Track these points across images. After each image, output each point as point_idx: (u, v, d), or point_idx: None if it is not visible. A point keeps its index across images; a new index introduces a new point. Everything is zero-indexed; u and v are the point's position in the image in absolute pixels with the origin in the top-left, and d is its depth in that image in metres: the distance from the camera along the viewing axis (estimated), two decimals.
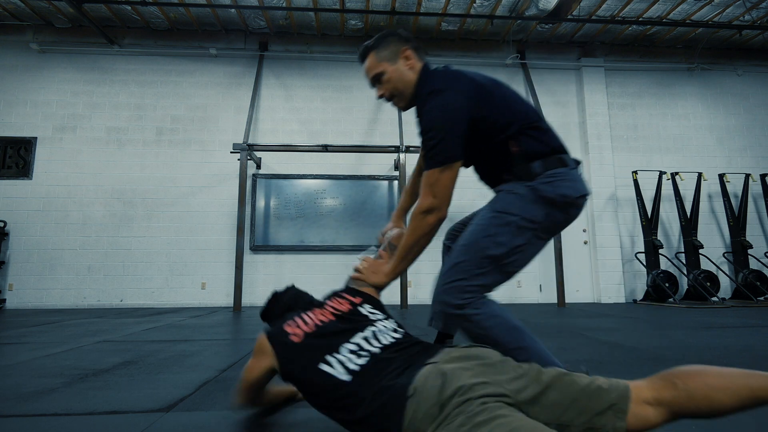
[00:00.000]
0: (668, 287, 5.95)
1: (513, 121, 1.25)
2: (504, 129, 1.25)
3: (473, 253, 1.19)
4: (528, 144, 1.24)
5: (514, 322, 1.18)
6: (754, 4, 6.10)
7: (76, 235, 6.10)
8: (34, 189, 6.17)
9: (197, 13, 6.35)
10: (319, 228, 6.25)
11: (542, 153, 1.24)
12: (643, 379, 0.83)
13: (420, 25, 6.69)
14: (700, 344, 2.60)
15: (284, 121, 6.63)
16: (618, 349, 2.43)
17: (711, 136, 7.15)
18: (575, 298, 6.50)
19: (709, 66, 7.31)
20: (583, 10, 6.28)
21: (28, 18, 6.40)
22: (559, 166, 1.24)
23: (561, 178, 1.21)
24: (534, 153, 1.23)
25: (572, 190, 1.22)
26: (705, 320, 3.90)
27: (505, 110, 1.26)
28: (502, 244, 1.18)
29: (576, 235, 6.69)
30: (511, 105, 1.28)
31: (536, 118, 1.28)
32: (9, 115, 6.33)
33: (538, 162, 1.22)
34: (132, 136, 6.42)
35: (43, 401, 1.48)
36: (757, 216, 6.94)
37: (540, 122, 1.29)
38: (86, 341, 2.85)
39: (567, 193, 1.20)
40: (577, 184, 1.24)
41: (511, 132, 1.24)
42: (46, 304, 5.93)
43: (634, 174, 6.56)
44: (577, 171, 1.27)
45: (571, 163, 1.26)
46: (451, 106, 1.20)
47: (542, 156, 1.23)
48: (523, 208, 1.20)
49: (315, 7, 6.08)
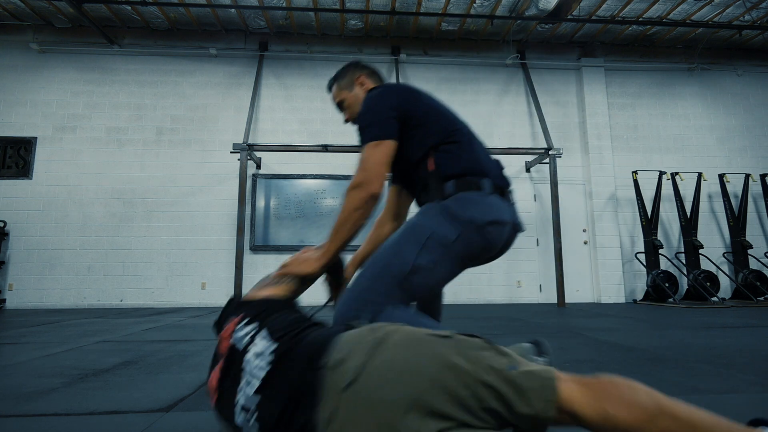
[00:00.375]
0: (668, 287, 5.95)
1: (438, 128, 1.24)
2: (428, 136, 1.23)
3: (377, 268, 1.13)
4: (444, 163, 1.21)
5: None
6: (754, 4, 6.10)
7: (76, 235, 6.10)
8: (34, 189, 6.17)
9: (197, 13, 6.35)
10: (319, 228, 6.25)
11: (457, 174, 1.19)
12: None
13: (420, 25, 6.69)
14: (700, 344, 2.60)
15: (284, 121, 6.63)
16: (618, 349, 2.43)
17: (711, 136, 7.15)
18: (575, 298, 6.50)
19: (709, 66, 7.31)
20: (583, 10, 6.28)
21: (28, 18, 6.40)
22: (472, 189, 1.18)
23: (471, 201, 1.16)
24: (449, 173, 1.20)
25: (480, 213, 1.14)
26: (705, 320, 3.90)
27: (431, 112, 1.27)
28: (405, 258, 1.10)
29: (576, 235, 6.69)
30: (439, 110, 1.29)
31: (460, 133, 1.26)
32: (9, 115, 6.33)
33: (451, 182, 1.19)
34: (132, 136, 6.42)
35: (43, 401, 1.48)
36: (757, 216, 6.95)
37: (463, 137, 1.25)
38: (86, 341, 2.85)
39: (474, 216, 1.13)
40: (489, 209, 1.16)
41: (435, 141, 1.22)
42: (46, 304, 5.93)
43: (634, 174, 6.57)
44: (494, 197, 1.19)
45: (486, 188, 1.18)
46: (382, 96, 1.25)
47: (457, 176, 1.19)
48: (435, 226, 1.13)
49: (315, 7, 6.08)
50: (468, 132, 1.30)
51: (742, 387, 1.63)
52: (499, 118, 6.90)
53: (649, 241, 6.28)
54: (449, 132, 1.24)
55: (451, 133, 1.24)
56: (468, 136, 1.28)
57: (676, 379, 1.76)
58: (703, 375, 1.82)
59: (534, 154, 6.37)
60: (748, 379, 1.74)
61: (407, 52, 6.93)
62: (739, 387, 1.63)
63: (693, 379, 1.76)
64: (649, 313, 4.63)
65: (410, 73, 6.97)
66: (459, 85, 6.96)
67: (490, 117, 6.89)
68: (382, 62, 6.95)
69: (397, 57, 6.89)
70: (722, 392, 1.56)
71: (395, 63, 6.92)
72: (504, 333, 3.18)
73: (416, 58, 6.98)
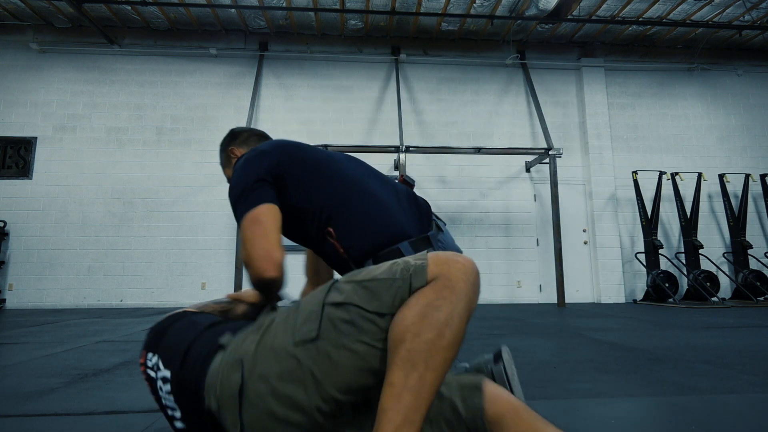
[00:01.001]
0: (668, 287, 5.95)
1: (330, 192, 1.04)
2: (318, 205, 1.03)
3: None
4: (351, 244, 1.02)
5: None
6: (754, 5, 6.10)
7: (76, 235, 6.10)
8: (34, 189, 6.17)
9: (197, 13, 6.35)
10: None
11: (370, 251, 1.01)
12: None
13: (420, 25, 6.69)
14: (700, 344, 2.60)
15: (284, 121, 6.63)
16: (618, 349, 2.43)
17: (711, 136, 7.15)
18: (575, 298, 6.50)
19: (709, 66, 7.31)
20: (583, 10, 6.28)
21: (28, 18, 6.40)
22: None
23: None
24: (361, 254, 1.01)
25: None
26: (705, 320, 3.90)
27: (316, 172, 1.05)
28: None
29: (576, 235, 6.70)
30: (327, 165, 1.07)
31: (358, 194, 1.04)
32: (9, 115, 6.33)
33: (369, 262, 1.01)
34: (132, 136, 6.42)
35: (43, 401, 1.48)
36: (757, 216, 6.95)
37: (363, 199, 1.04)
38: (86, 341, 2.85)
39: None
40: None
41: (329, 212, 1.03)
42: (46, 304, 5.93)
43: (634, 174, 6.57)
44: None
45: (408, 253, 0.99)
46: (247, 161, 1.05)
47: (371, 253, 1.01)
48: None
49: (315, 7, 6.08)
50: (370, 188, 1.07)
51: (742, 387, 1.63)
52: (499, 118, 6.90)
53: (649, 241, 6.28)
54: (345, 197, 1.04)
55: (347, 198, 1.04)
56: (369, 195, 1.06)
57: (676, 379, 1.76)
58: (702, 375, 1.82)
59: (534, 154, 6.37)
60: (747, 379, 1.75)
61: (407, 52, 6.93)
62: (739, 387, 1.63)
63: (693, 379, 1.76)
64: (649, 313, 4.63)
65: (410, 73, 6.97)
66: (459, 85, 6.97)
67: (490, 117, 6.89)
68: (382, 62, 6.95)
69: (397, 57, 6.89)
70: (722, 392, 1.56)
71: (395, 63, 6.92)
72: (504, 333, 3.18)
73: (416, 58, 6.98)
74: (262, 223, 0.95)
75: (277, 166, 1.03)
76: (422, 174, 6.58)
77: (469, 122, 6.85)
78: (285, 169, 1.03)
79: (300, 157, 1.07)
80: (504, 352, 0.93)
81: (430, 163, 6.63)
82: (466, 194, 6.65)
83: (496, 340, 2.85)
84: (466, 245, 6.44)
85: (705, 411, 1.35)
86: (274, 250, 0.92)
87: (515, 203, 6.66)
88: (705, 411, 1.35)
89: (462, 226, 6.49)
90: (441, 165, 6.64)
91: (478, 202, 6.59)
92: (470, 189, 6.66)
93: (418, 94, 6.90)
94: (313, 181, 1.04)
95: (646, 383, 1.69)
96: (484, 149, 5.99)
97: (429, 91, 6.92)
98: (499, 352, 0.92)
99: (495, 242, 6.51)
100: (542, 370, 1.96)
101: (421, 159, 6.57)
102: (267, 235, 0.94)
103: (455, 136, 6.76)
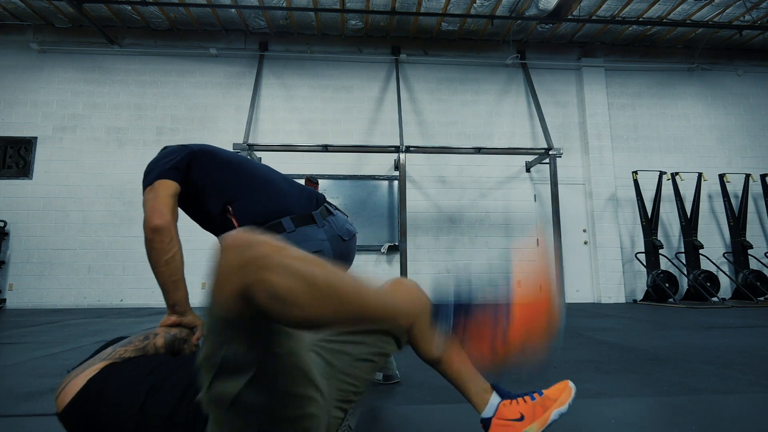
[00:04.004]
0: (668, 287, 5.95)
1: (229, 180, 1.27)
2: (220, 191, 1.26)
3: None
4: (244, 212, 1.25)
5: None
6: (754, 5, 6.10)
7: (76, 235, 6.10)
8: (34, 189, 6.17)
9: (197, 13, 6.35)
10: None
11: (259, 222, 1.24)
12: None
13: (420, 25, 6.69)
14: (700, 344, 2.60)
15: (284, 121, 6.63)
16: (618, 349, 2.43)
17: (711, 136, 7.15)
18: (575, 298, 6.50)
19: (709, 66, 7.31)
20: (584, 10, 6.28)
21: (28, 18, 6.40)
22: (275, 233, 1.23)
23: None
24: (252, 224, 1.23)
25: None
26: (705, 320, 3.90)
27: (219, 166, 1.28)
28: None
29: (576, 235, 6.69)
30: (229, 163, 1.29)
31: (253, 180, 1.29)
32: (9, 115, 6.33)
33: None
34: (132, 136, 6.42)
35: (43, 401, 1.48)
36: (757, 216, 6.94)
37: (256, 184, 1.29)
38: (86, 341, 2.85)
39: None
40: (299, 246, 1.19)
41: (230, 196, 1.26)
42: (46, 304, 5.93)
43: (634, 174, 6.57)
44: (301, 230, 1.25)
45: (288, 226, 1.25)
46: (166, 151, 1.28)
47: (259, 224, 1.24)
48: None
49: (315, 7, 6.08)
50: (262, 177, 1.31)
51: (742, 387, 1.63)
52: (499, 118, 6.90)
53: (649, 241, 6.27)
54: (245, 182, 1.27)
55: (247, 183, 1.27)
56: (261, 182, 1.30)
57: (676, 379, 1.76)
58: (702, 375, 1.82)
59: (534, 154, 6.37)
60: (747, 380, 1.74)
61: (407, 52, 6.93)
62: (739, 387, 1.63)
63: (693, 379, 1.76)
64: (649, 314, 4.63)
65: (410, 73, 6.97)
66: (459, 85, 6.96)
67: (490, 117, 6.89)
68: (383, 62, 6.95)
69: (397, 57, 6.89)
70: (721, 392, 1.56)
71: (395, 63, 6.92)
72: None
73: (416, 58, 6.98)
74: (155, 190, 1.17)
75: (191, 157, 1.25)
76: (422, 174, 6.58)
77: (469, 122, 6.85)
78: (196, 158, 1.26)
79: (211, 150, 1.30)
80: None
81: (430, 163, 6.63)
82: (466, 194, 6.64)
83: None
84: (466, 245, 6.45)
85: (705, 411, 1.35)
86: (162, 207, 1.14)
87: (515, 203, 6.65)
88: (705, 411, 1.35)
89: (462, 226, 6.49)
90: (441, 165, 6.64)
91: (478, 202, 6.59)
92: (470, 189, 6.65)
93: (418, 94, 6.90)
94: (219, 168, 1.27)
95: (646, 383, 1.69)
96: (484, 149, 5.99)
97: (429, 91, 6.92)
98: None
99: (495, 242, 6.51)
100: (542, 370, 1.96)
101: (421, 159, 6.57)
102: (158, 198, 1.15)
103: (455, 136, 6.76)
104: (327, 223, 1.30)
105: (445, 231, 6.47)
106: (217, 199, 1.26)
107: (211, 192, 1.26)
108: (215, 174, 1.27)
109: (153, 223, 1.11)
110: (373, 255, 6.30)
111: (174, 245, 1.13)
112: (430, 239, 6.42)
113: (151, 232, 1.11)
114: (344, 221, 1.40)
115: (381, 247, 6.19)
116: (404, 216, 5.57)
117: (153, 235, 1.11)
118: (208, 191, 1.26)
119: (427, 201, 6.53)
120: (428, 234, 6.44)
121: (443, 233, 6.46)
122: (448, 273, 6.37)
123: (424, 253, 6.35)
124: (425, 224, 6.46)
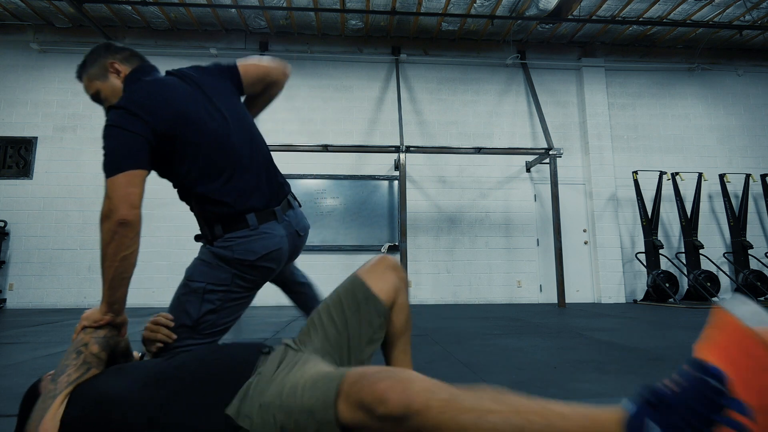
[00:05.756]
0: (668, 287, 5.95)
1: (196, 156, 1.16)
2: (186, 167, 1.16)
3: (172, 323, 1.20)
4: (207, 205, 1.19)
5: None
6: (754, 4, 6.10)
7: (76, 235, 6.11)
8: (34, 189, 6.17)
9: (197, 13, 6.35)
10: (319, 228, 6.25)
11: (222, 215, 1.19)
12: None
13: (420, 25, 6.69)
14: None
15: (284, 121, 6.63)
16: (618, 349, 2.43)
17: (711, 136, 7.15)
18: (575, 298, 6.50)
19: (709, 66, 7.31)
20: (584, 10, 6.27)
21: (28, 18, 6.40)
22: (240, 228, 1.19)
23: (238, 242, 1.18)
24: (214, 216, 1.19)
25: (250, 252, 1.18)
26: (705, 320, 3.89)
27: (188, 132, 1.15)
28: (190, 313, 1.17)
29: (576, 235, 6.69)
30: (197, 127, 1.16)
31: (222, 158, 1.18)
32: (9, 115, 6.33)
33: (218, 226, 1.20)
34: None
35: None
36: (758, 216, 6.94)
37: (225, 166, 1.18)
38: None
39: (244, 258, 1.18)
40: (258, 244, 1.19)
41: (194, 176, 1.17)
42: (46, 304, 5.93)
43: (635, 174, 6.56)
44: (264, 227, 1.21)
45: (253, 222, 1.19)
46: (124, 117, 1.12)
47: (222, 218, 1.19)
48: (208, 275, 1.18)
49: (315, 7, 6.08)
50: (230, 153, 1.20)
51: None
52: (500, 118, 6.90)
53: (650, 241, 6.27)
54: (207, 164, 1.17)
55: (209, 165, 1.17)
56: (240, 171, 1.20)
57: None
58: None
59: (534, 154, 6.37)
60: None
61: (407, 52, 6.93)
62: None
63: None
64: (649, 314, 4.63)
65: (410, 73, 6.97)
66: (459, 85, 6.97)
67: (490, 117, 6.89)
68: (383, 62, 6.95)
69: (398, 57, 6.89)
70: None
71: (395, 63, 6.92)
72: (504, 333, 3.17)
73: (416, 58, 6.98)
74: (126, 179, 1.07)
75: (155, 124, 1.12)
76: (422, 174, 6.59)
77: (469, 122, 6.85)
78: (162, 128, 1.13)
79: (172, 110, 1.18)
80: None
81: (430, 163, 6.63)
82: (467, 194, 6.65)
83: (496, 339, 2.85)
84: (467, 245, 6.45)
85: None
86: (133, 196, 1.07)
87: (515, 203, 6.66)
88: None
89: (462, 226, 6.49)
90: (441, 165, 6.64)
91: (478, 202, 6.59)
92: (470, 189, 6.66)
93: (418, 94, 6.90)
94: (185, 139, 1.16)
95: (645, 383, 1.69)
96: (485, 149, 5.99)
97: (429, 91, 6.92)
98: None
99: (495, 242, 6.51)
100: (542, 370, 1.96)
101: (421, 159, 6.57)
102: (129, 185, 1.07)
103: (455, 136, 6.76)
104: (286, 218, 1.28)
105: (445, 231, 6.47)
106: (181, 179, 1.20)
107: (178, 170, 1.19)
108: (182, 146, 1.17)
109: (123, 215, 1.03)
110: (373, 255, 6.30)
111: (136, 241, 1.09)
112: (430, 239, 6.43)
113: (118, 225, 1.03)
114: (302, 216, 1.38)
115: (381, 247, 6.19)
116: (404, 216, 5.57)
117: (119, 229, 1.04)
118: (176, 167, 1.20)
119: (427, 201, 6.53)
120: (428, 234, 6.44)
121: (443, 233, 6.46)
122: (448, 273, 6.37)
123: (424, 253, 6.35)
124: (425, 224, 6.46)
